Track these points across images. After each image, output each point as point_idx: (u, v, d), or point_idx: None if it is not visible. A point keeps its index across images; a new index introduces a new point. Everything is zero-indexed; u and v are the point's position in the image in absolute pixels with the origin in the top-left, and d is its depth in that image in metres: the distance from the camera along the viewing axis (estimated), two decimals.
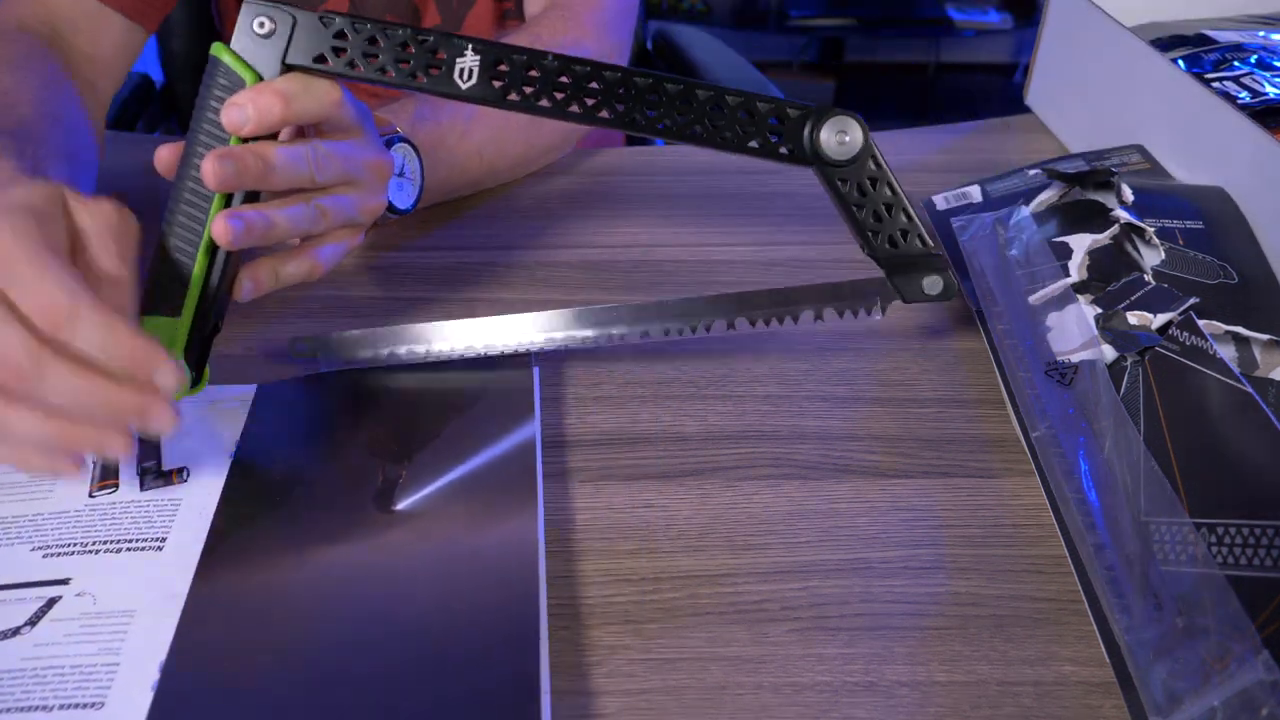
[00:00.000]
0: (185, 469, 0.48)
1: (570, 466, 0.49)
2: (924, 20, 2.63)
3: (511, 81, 0.46)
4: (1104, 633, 0.40)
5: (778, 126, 0.47)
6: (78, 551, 0.44)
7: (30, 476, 0.47)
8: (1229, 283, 0.53)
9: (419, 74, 0.45)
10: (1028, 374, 0.51)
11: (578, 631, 0.41)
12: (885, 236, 0.49)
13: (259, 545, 0.44)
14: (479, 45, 0.45)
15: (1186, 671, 0.37)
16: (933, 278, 0.50)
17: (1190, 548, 0.40)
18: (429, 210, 0.71)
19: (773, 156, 0.48)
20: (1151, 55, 0.70)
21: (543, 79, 0.46)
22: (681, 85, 0.46)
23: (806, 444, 0.51)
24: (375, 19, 0.45)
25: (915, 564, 0.44)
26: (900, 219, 0.49)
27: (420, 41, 0.45)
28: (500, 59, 0.45)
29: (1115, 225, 0.56)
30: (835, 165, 0.48)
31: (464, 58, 0.45)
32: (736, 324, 0.51)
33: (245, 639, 0.40)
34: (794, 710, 0.38)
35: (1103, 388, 0.47)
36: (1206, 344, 0.47)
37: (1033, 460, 0.48)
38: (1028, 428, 0.49)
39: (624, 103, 0.46)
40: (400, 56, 0.45)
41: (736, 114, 0.47)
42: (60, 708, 0.38)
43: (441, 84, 0.46)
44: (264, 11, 0.44)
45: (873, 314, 0.51)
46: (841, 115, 0.47)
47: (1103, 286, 0.53)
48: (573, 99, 0.46)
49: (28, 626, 0.41)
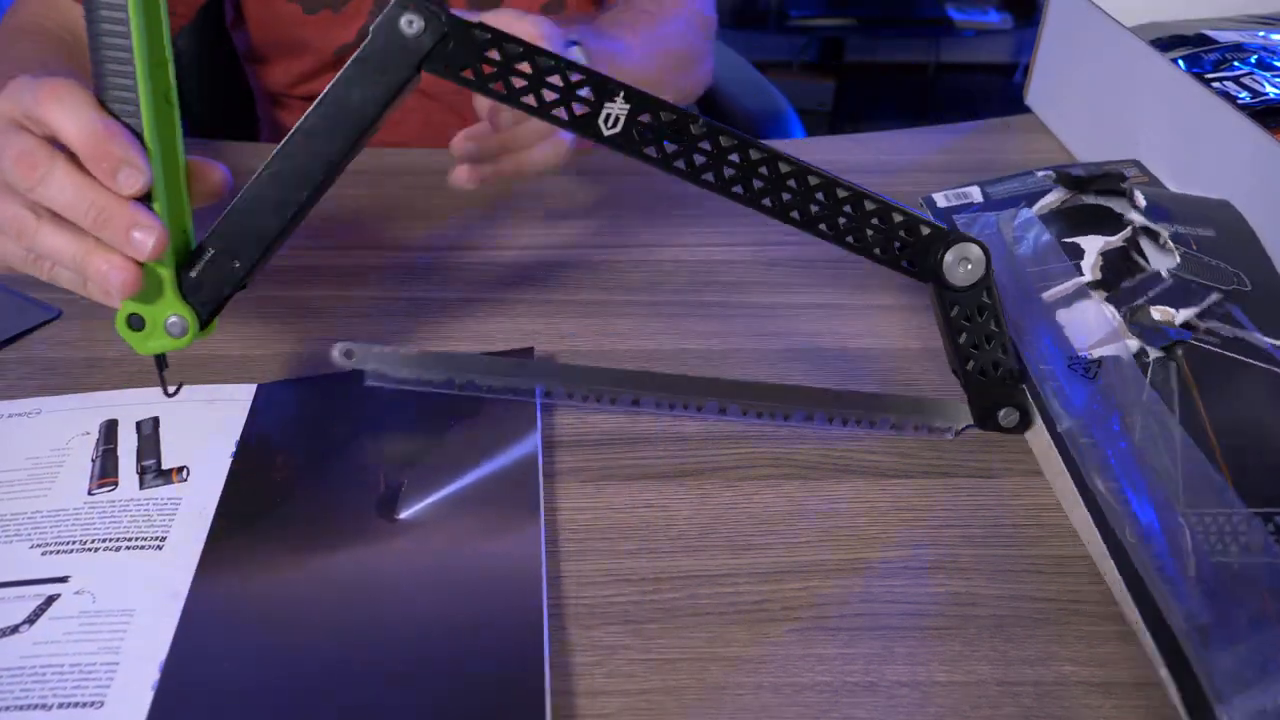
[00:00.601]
0: (185, 468, 0.48)
1: (570, 466, 0.49)
2: (924, 20, 2.63)
3: (655, 137, 0.45)
4: (1152, 622, 0.40)
5: (906, 238, 0.47)
6: (77, 550, 0.44)
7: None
8: (1243, 289, 0.53)
9: (562, 108, 0.45)
10: (1049, 367, 0.51)
11: (578, 631, 0.41)
12: (979, 365, 0.49)
13: (259, 546, 0.44)
14: (630, 93, 0.45)
15: (1254, 659, 0.37)
16: (1010, 411, 0.50)
17: (1243, 536, 0.40)
18: (429, 210, 0.71)
19: (894, 267, 0.48)
20: (1151, 55, 0.70)
21: (686, 142, 0.46)
22: (822, 179, 0.46)
23: (806, 444, 0.51)
24: (527, 43, 0.44)
25: (915, 564, 0.44)
26: (997, 352, 0.49)
27: (569, 77, 0.44)
28: (648, 110, 0.45)
29: (1128, 228, 0.56)
30: (952, 289, 0.48)
31: (613, 103, 0.45)
32: (815, 417, 0.51)
33: (246, 640, 0.40)
34: (794, 710, 0.38)
35: (1132, 381, 0.47)
36: (1250, 333, 0.47)
37: (1059, 453, 0.47)
38: (1053, 422, 0.48)
39: (762, 182, 0.46)
40: (546, 85, 0.44)
41: (869, 219, 0.47)
42: (60, 706, 0.37)
43: (584, 126, 0.45)
44: (417, 9, 0.43)
45: (945, 434, 0.51)
46: (968, 243, 0.47)
47: (1116, 285, 0.53)
48: (710, 168, 0.46)
49: (26, 624, 0.41)
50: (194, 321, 0.46)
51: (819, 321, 0.60)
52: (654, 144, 0.46)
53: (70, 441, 0.50)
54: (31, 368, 0.55)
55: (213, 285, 0.46)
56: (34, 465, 0.49)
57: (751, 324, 0.59)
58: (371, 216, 0.70)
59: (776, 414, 0.51)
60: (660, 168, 0.46)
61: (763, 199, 0.47)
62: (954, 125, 0.85)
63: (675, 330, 0.59)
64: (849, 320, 0.60)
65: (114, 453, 0.49)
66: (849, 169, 0.48)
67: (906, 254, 0.47)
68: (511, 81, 0.45)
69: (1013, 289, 0.56)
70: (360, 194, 0.72)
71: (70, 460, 0.49)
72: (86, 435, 0.50)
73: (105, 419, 0.51)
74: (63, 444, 0.50)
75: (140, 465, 0.48)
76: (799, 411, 0.51)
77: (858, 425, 0.51)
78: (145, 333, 0.47)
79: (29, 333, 0.58)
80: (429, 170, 0.77)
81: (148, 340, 0.47)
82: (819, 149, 0.82)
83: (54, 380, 0.54)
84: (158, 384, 0.50)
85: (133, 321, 0.46)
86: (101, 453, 0.49)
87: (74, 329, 0.58)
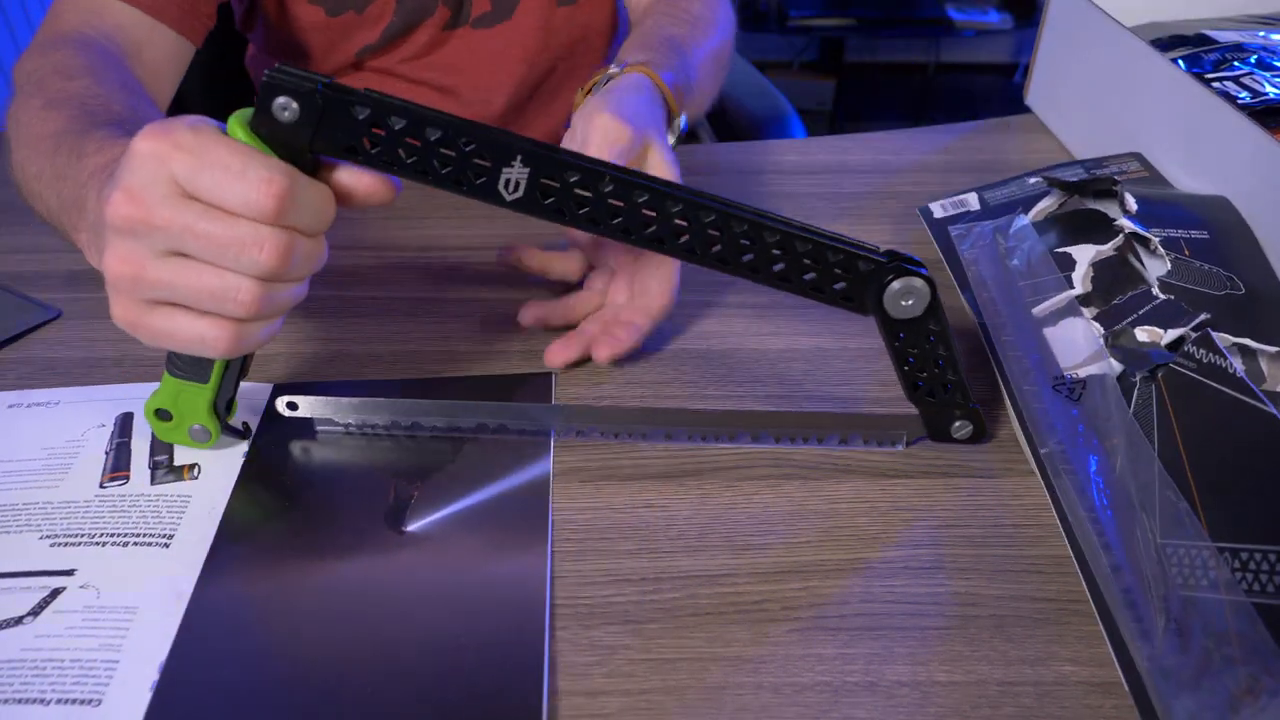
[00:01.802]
0: (197, 465, 0.48)
1: (570, 466, 0.49)
2: (924, 20, 2.63)
3: (559, 200, 0.43)
4: (1120, 656, 0.39)
5: (844, 275, 0.45)
6: (85, 543, 0.44)
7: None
8: (1236, 294, 0.52)
9: (459, 177, 0.42)
10: (1034, 388, 0.50)
11: (578, 631, 0.41)
12: (929, 388, 0.48)
13: (266, 550, 0.44)
14: (529, 156, 0.41)
15: (1214, 702, 0.36)
16: (963, 424, 0.49)
17: (1212, 572, 0.39)
18: (429, 210, 0.71)
19: (835, 304, 0.46)
20: (1152, 55, 0.70)
21: (595, 201, 0.43)
22: (747, 224, 0.43)
23: (806, 444, 0.50)
24: (414, 107, 0.40)
25: (915, 564, 0.44)
26: (948, 374, 0.47)
27: (463, 143, 0.41)
28: (550, 172, 0.42)
29: (1120, 235, 0.56)
30: (897, 322, 0.46)
31: (510, 168, 0.41)
32: (760, 436, 0.50)
33: (246, 645, 0.40)
34: (794, 710, 0.38)
35: (1114, 405, 0.47)
36: (1226, 362, 0.46)
37: (1040, 476, 0.48)
38: (1035, 444, 0.48)
39: (684, 234, 0.44)
40: (439, 156, 0.41)
41: (803, 259, 0.44)
42: (58, 702, 0.37)
43: (484, 193, 0.42)
44: (287, 88, 0.39)
45: (896, 445, 0.50)
46: (910, 277, 0.44)
47: (1107, 299, 0.52)
48: (629, 224, 0.43)
49: (30, 616, 0.41)
50: (216, 434, 0.48)
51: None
52: (561, 206, 0.43)
53: (86, 433, 0.50)
54: (31, 367, 0.55)
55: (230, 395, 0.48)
56: (49, 455, 0.49)
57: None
58: (372, 217, 0.70)
59: (722, 437, 0.50)
60: (571, 226, 0.43)
61: (687, 250, 0.44)
62: (954, 125, 0.85)
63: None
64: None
65: (128, 446, 0.49)
66: (848, 169, 0.48)
67: (846, 291, 0.45)
68: (402, 155, 0.41)
69: (1004, 304, 0.56)
70: None
71: (84, 452, 0.49)
72: (102, 428, 0.50)
73: (122, 412, 0.51)
74: (78, 435, 0.50)
75: (153, 460, 0.48)
76: (743, 434, 0.50)
77: (804, 443, 0.50)
78: (170, 425, 0.48)
79: (29, 333, 0.58)
80: None
81: (170, 432, 0.48)
82: (819, 149, 0.82)
83: (54, 380, 0.54)
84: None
85: (160, 414, 0.47)
86: (115, 446, 0.49)
87: (74, 329, 0.58)
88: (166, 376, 0.46)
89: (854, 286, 0.45)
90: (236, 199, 0.39)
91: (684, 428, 0.50)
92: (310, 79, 0.39)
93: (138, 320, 0.42)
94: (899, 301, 0.45)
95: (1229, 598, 0.39)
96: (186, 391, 0.46)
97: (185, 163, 0.39)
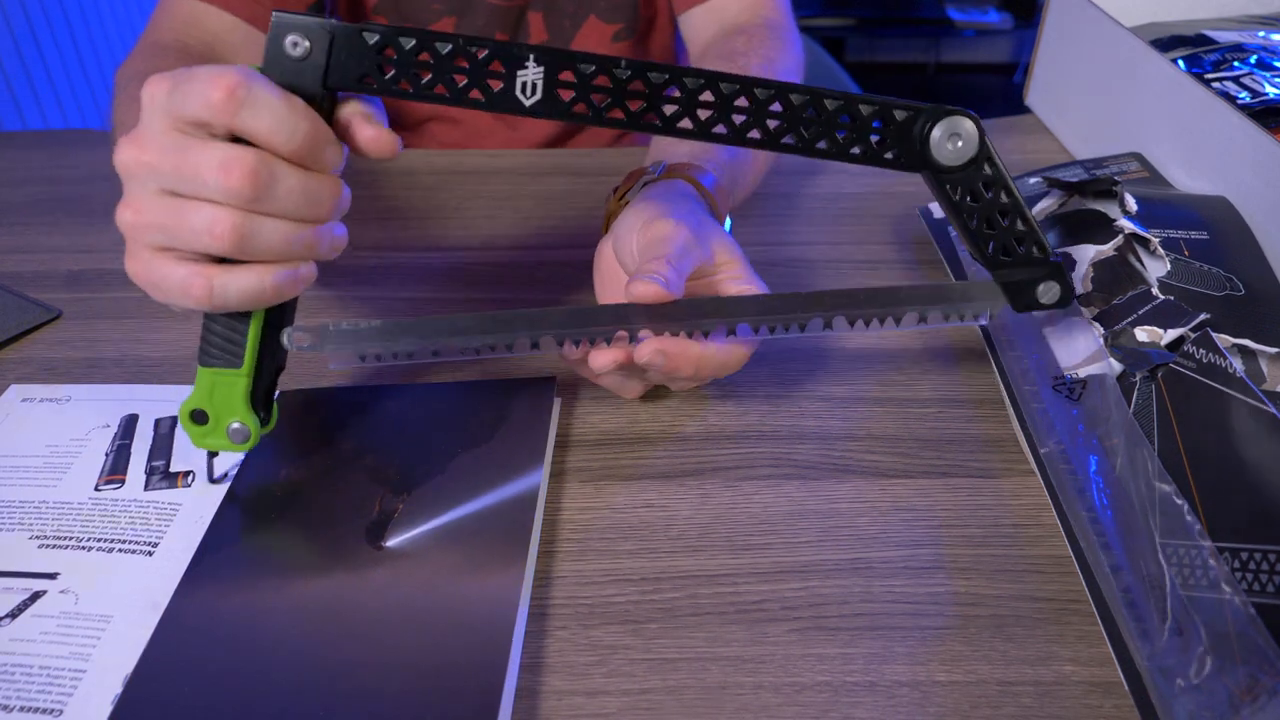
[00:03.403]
0: (191, 473, 0.48)
1: (570, 466, 0.49)
2: (924, 20, 2.63)
3: (580, 95, 0.41)
4: (1120, 655, 0.39)
5: (882, 129, 0.43)
6: (71, 546, 0.44)
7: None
8: (1235, 294, 0.52)
9: (475, 89, 0.41)
10: (1034, 388, 0.50)
11: (578, 631, 0.41)
12: (1000, 245, 0.45)
13: (245, 563, 0.43)
14: (541, 54, 0.41)
15: (1214, 702, 0.36)
16: (1049, 284, 0.46)
17: (1212, 572, 0.39)
18: (429, 210, 0.71)
19: (878, 163, 0.43)
20: (1152, 55, 0.70)
21: (615, 90, 0.41)
22: (773, 89, 0.42)
23: (806, 444, 0.51)
24: (421, 29, 0.40)
25: (915, 564, 0.44)
26: (1017, 225, 0.45)
27: (474, 52, 0.40)
28: (565, 68, 0.41)
29: (1119, 236, 0.56)
30: (947, 171, 0.43)
31: (525, 70, 0.41)
32: (834, 323, 0.47)
33: (213, 661, 0.39)
34: (794, 710, 0.38)
35: (1114, 404, 0.46)
36: (1226, 362, 0.45)
37: (1040, 476, 0.48)
38: (1035, 443, 0.48)
39: (709, 109, 0.42)
40: (453, 70, 0.41)
41: (836, 119, 0.42)
42: (20, 709, 0.37)
43: (503, 101, 0.41)
44: (296, 28, 0.39)
45: (980, 319, 0.47)
46: (955, 115, 0.42)
47: (1107, 299, 0.53)
48: (651, 108, 0.42)
49: (8, 619, 0.40)
50: (256, 431, 0.45)
51: None
52: (581, 100, 0.41)
53: (90, 433, 0.50)
54: (31, 368, 0.55)
55: (267, 384, 0.46)
56: (51, 453, 0.49)
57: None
58: (373, 217, 0.70)
59: (792, 326, 0.47)
60: (594, 124, 0.42)
61: (713, 127, 0.42)
62: None
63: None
64: None
65: (128, 449, 0.49)
66: (848, 168, 0.47)
67: (887, 146, 0.43)
68: (416, 75, 0.41)
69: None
70: (361, 194, 0.72)
71: (86, 451, 0.49)
72: (107, 428, 0.50)
73: (128, 413, 0.51)
74: (83, 434, 0.50)
75: (149, 465, 0.48)
76: (815, 319, 0.47)
77: (881, 325, 0.47)
78: (206, 428, 0.45)
79: (29, 333, 0.58)
80: (430, 170, 0.77)
81: (206, 437, 0.46)
82: None
83: (54, 380, 0.54)
84: (182, 382, 0.50)
85: (196, 416, 0.45)
86: (116, 447, 0.49)
87: (74, 329, 0.58)
88: (200, 371, 0.44)
89: (895, 140, 0.43)
90: (198, 103, 0.38)
91: (748, 319, 0.47)
92: (318, 15, 0.40)
93: (141, 271, 0.41)
94: (946, 145, 0.43)
95: (1229, 598, 0.38)
96: (221, 383, 0.44)
97: (174, 93, 0.39)
